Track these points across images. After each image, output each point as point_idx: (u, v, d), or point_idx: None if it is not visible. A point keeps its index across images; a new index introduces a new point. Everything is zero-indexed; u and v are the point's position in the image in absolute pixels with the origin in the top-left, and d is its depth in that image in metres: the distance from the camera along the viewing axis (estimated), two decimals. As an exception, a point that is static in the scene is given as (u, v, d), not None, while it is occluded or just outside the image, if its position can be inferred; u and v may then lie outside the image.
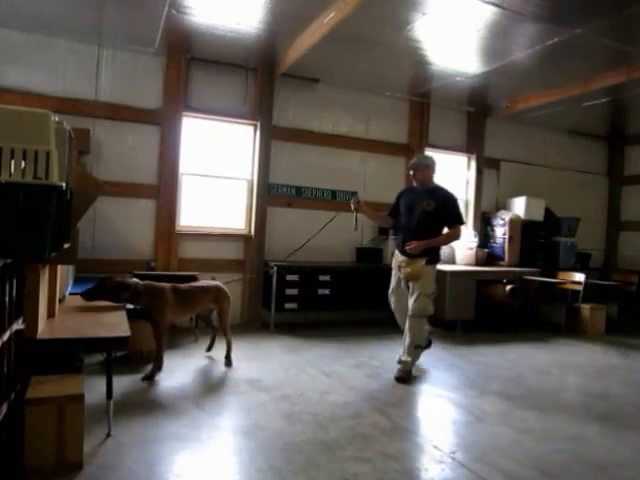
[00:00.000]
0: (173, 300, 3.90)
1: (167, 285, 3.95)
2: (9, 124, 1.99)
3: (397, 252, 4.36)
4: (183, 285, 4.10)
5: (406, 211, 4.29)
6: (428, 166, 4.29)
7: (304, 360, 4.57)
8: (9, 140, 1.95)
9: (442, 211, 4.15)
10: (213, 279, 4.76)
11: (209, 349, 4.59)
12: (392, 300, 4.43)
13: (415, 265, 4.12)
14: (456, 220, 4.20)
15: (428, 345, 4.53)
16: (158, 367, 3.88)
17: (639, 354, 5.55)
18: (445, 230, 4.22)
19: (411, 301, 4.15)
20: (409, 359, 4.14)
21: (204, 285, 4.29)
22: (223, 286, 4.34)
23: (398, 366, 4.16)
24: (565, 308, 6.61)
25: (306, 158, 6.33)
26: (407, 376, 4.09)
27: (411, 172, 4.33)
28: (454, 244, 7.07)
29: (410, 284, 4.19)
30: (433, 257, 4.18)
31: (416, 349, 4.17)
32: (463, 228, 4.32)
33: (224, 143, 6.03)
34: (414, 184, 4.37)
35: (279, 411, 3.31)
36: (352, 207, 4.29)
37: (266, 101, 5.97)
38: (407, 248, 4.10)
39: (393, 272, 4.40)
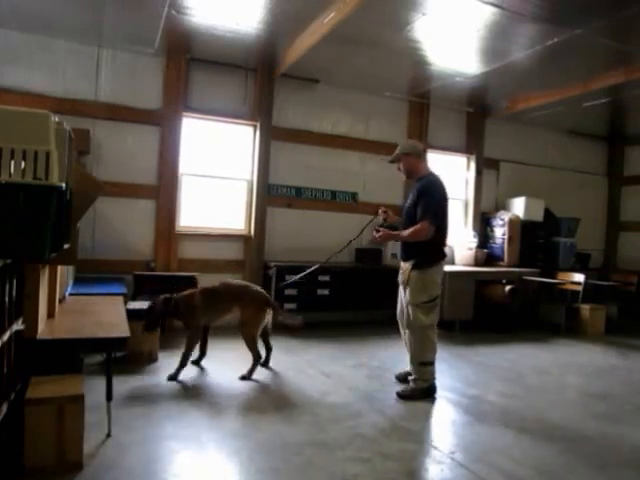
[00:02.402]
0: (202, 304, 3.96)
1: (196, 290, 4.09)
2: (9, 124, 2.00)
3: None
4: (212, 286, 4.13)
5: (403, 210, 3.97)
6: (409, 154, 3.72)
7: (303, 361, 4.57)
8: (9, 140, 1.95)
9: (417, 205, 3.62)
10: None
11: (265, 362, 4.21)
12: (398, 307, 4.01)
13: (404, 271, 3.76)
14: (423, 216, 3.54)
15: (431, 390, 3.72)
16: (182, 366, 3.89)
17: (639, 354, 5.56)
18: None
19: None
20: (413, 376, 3.72)
21: (230, 284, 4.23)
22: (256, 288, 4.17)
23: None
24: (565, 308, 6.62)
25: (306, 158, 6.33)
26: (408, 394, 3.67)
27: (397, 166, 3.87)
28: (454, 244, 7.09)
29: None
30: (419, 260, 3.62)
31: (420, 366, 3.67)
32: (431, 226, 3.54)
33: (224, 143, 6.03)
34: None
35: (278, 411, 3.31)
36: (381, 218, 3.93)
37: (266, 101, 5.98)
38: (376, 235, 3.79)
39: None
